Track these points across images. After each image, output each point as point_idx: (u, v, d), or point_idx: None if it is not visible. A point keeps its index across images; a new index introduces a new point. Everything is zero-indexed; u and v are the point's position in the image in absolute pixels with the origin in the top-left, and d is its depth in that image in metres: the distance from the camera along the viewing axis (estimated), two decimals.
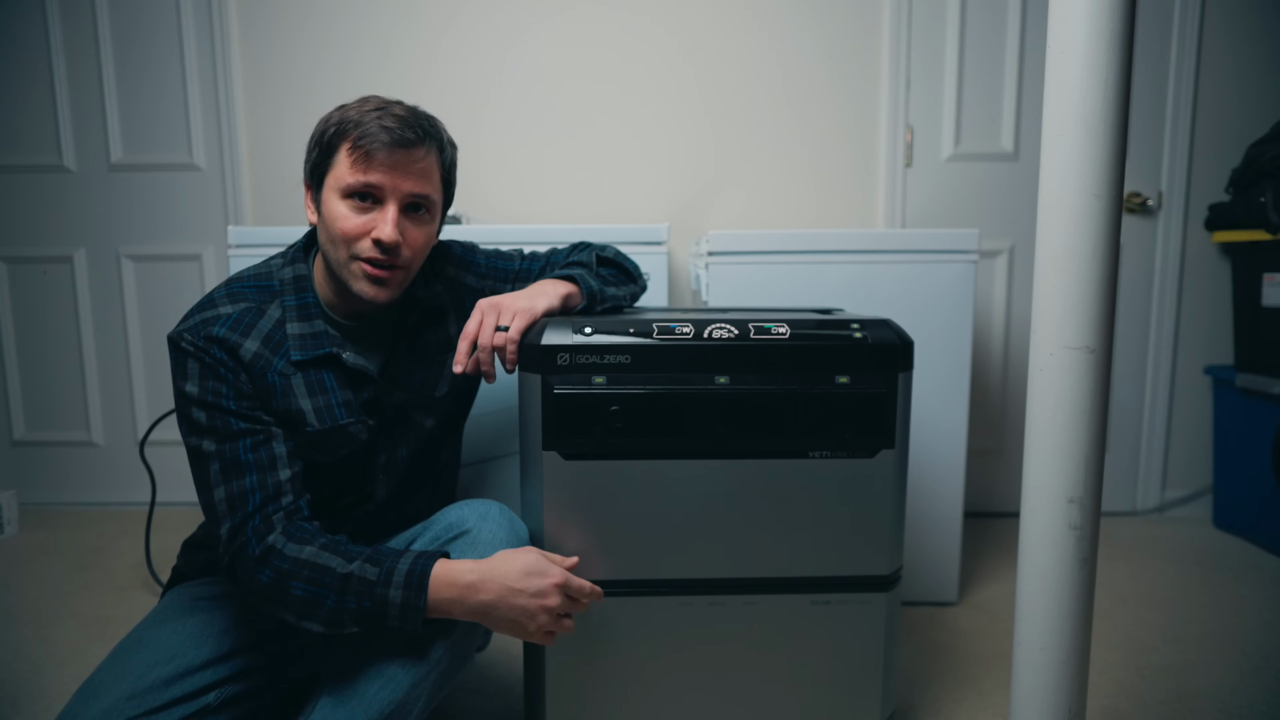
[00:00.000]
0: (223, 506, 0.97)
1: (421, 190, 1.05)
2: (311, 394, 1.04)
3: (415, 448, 1.18)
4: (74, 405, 2.43)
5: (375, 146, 0.99)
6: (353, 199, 1.02)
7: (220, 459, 0.98)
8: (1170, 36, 2.25)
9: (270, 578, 0.93)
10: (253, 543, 0.95)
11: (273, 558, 0.94)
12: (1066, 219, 0.82)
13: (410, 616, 0.93)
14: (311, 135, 1.06)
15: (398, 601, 0.92)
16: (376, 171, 1.01)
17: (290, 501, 0.98)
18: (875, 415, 1.09)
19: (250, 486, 0.97)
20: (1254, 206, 2.06)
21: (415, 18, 2.26)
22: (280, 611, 0.95)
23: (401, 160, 1.01)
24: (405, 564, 0.94)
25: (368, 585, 0.92)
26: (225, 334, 1.00)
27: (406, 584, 0.92)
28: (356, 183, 1.01)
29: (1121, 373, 2.35)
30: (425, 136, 1.04)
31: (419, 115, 1.06)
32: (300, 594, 0.93)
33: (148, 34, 2.29)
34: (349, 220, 1.02)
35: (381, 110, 1.02)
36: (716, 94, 2.28)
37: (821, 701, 1.15)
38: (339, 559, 0.94)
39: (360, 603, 0.92)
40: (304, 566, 0.93)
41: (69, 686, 1.43)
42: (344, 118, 1.03)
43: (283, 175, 2.33)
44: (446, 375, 1.18)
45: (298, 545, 0.94)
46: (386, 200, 1.02)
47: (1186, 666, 1.51)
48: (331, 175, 1.03)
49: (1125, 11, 0.78)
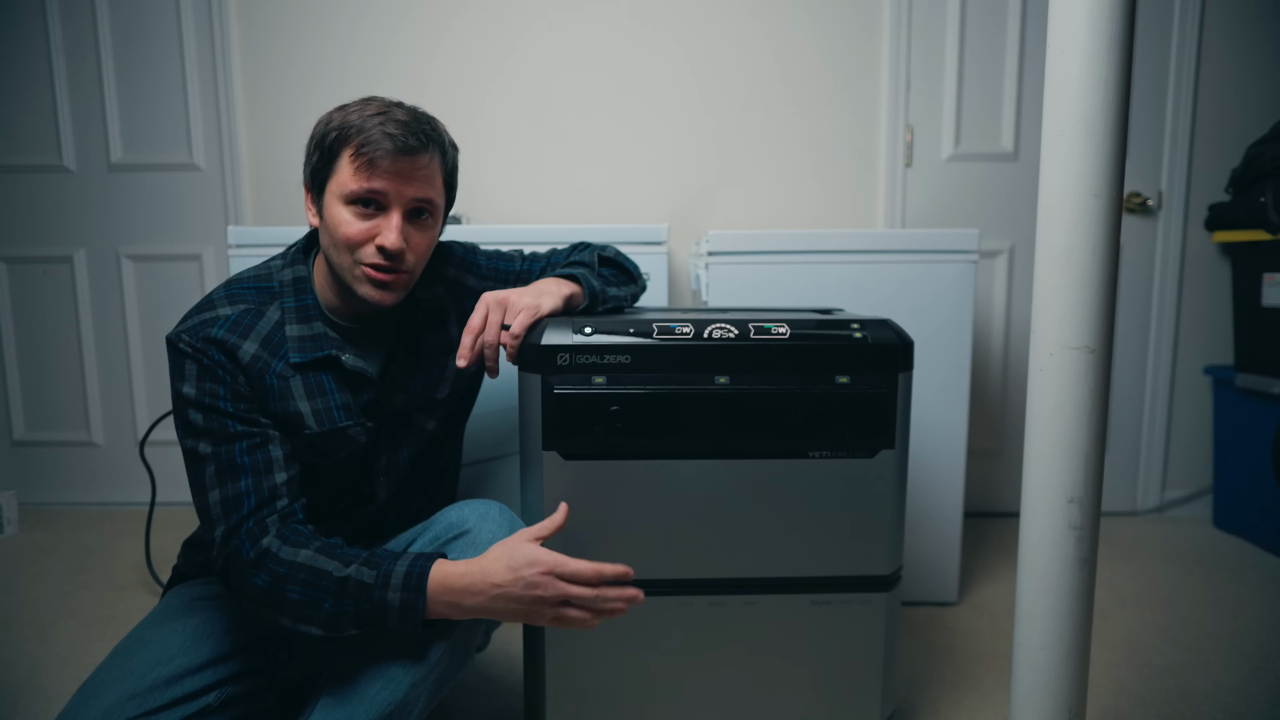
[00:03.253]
0: (217, 509, 0.96)
1: (425, 195, 1.04)
2: (310, 396, 1.04)
3: (416, 450, 1.18)
4: (74, 405, 2.43)
5: (379, 154, 0.99)
6: (356, 205, 1.02)
7: (216, 461, 0.97)
8: (1170, 36, 2.25)
9: (266, 581, 0.93)
10: (246, 546, 0.94)
11: (268, 561, 0.93)
12: (1066, 219, 0.82)
13: (409, 618, 0.92)
14: (311, 136, 1.05)
15: (396, 604, 0.92)
16: (380, 178, 1.00)
17: (285, 505, 0.98)
18: (875, 415, 1.09)
19: (245, 489, 0.97)
20: (1254, 206, 2.06)
21: (415, 17, 2.26)
22: (276, 615, 0.95)
23: (405, 167, 1.01)
24: (403, 566, 0.93)
25: (365, 589, 0.92)
26: (224, 335, 1.00)
27: (404, 586, 0.92)
28: (360, 189, 1.00)
29: (1121, 373, 2.35)
30: (428, 142, 1.03)
31: (421, 120, 1.05)
32: (296, 598, 0.92)
33: (148, 34, 2.29)
34: (353, 226, 1.01)
35: (383, 115, 1.01)
36: (716, 94, 2.28)
37: (822, 701, 1.15)
38: (335, 562, 0.93)
39: (359, 606, 0.92)
40: (300, 570, 0.93)
41: (69, 686, 1.43)
42: (345, 122, 1.01)
43: (283, 175, 2.33)
44: (448, 377, 1.18)
45: (293, 549, 0.94)
46: (390, 206, 1.02)
47: (1186, 666, 1.51)
48: (334, 181, 1.02)
49: (1125, 11, 0.78)
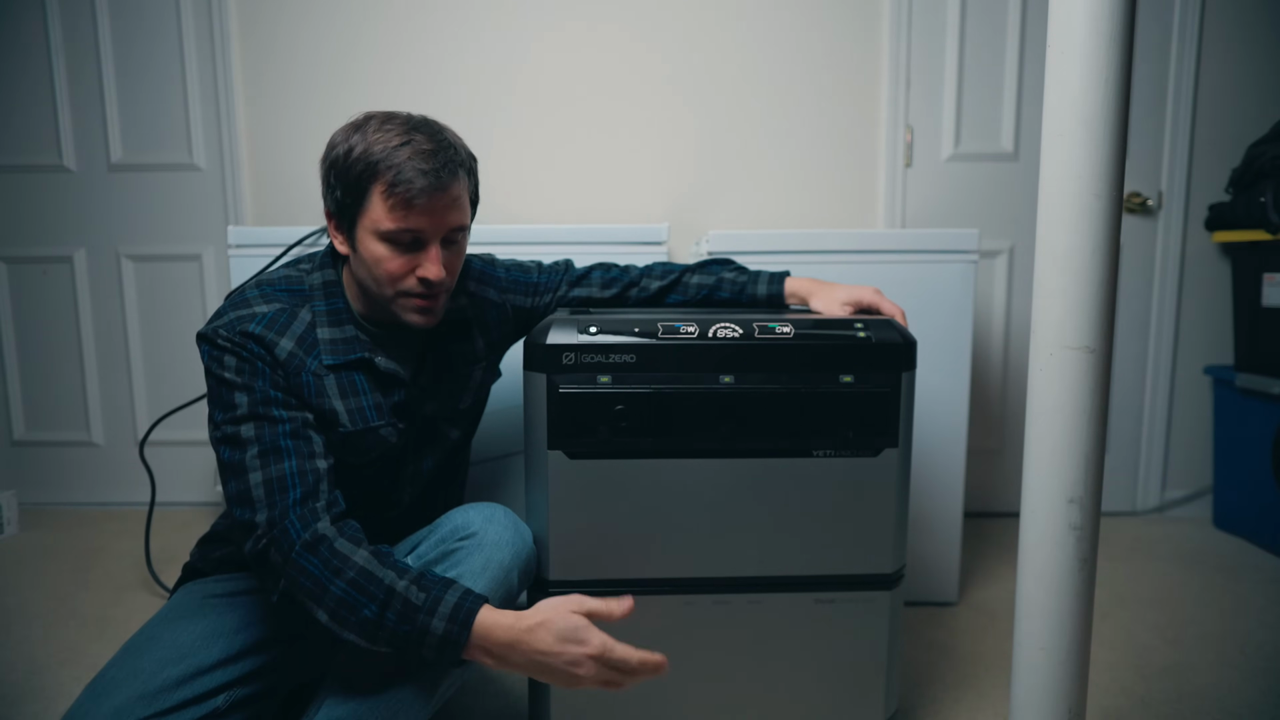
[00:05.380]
0: (259, 491, 0.94)
1: (459, 223, 1.05)
2: (344, 395, 1.05)
3: (440, 458, 1.19)
4: (74, 405, 2.43)
5: (414, 194, 0.97)
6: (392, 241, 1.01)
7: (259, 444, 0.96)
8: (1170, 36, 2.26)
9: (316, 567, 0.91)
10: (298, 528, 0.92)
11: (321, 546, 0.92)
12: (1066, 219, 0.82)
13: (448, 652, 0.89)
14: (327, 159, 1.03)
15: (439, 632, 0.89)
16: (416, 217, 0.99)
17: (330, 495, 0.97)
18: (879, 414, 1.10)
19: (290, 471, 0.95)
20: (1254, 206, 2.06)
21: (415, 18, 2.26)
22: (314, 607, 0.91)
23: (439, 203, 1.00)
24: (453, 597, 0.90)
25: (412, 609, 0.89)
26: (261, 331, 1.01)
27: (452, 618, 0.89)
28: (397, 229, 1.00)
29: (1121, 373, 2.35)
30: (456, 169, 1.02)
31: (444, 144, 1.02)
32: (339, 594, 0.90)
33: (148, 34, 2.29)
34: (394, 263, 1.01)
35: (407, 144, 0.99)
36: (716, 94, 2.28)
37: (825, 700, 1.15)
38: (391, 572, 0.91)
39: (399, 624, 0.89)
40: (352, 568, 0.90)
41: (69, 687, 1.43)
42: (369, 154, 0.98)
43: (283, 175, 2.32)
44: (471, 387, 1.20)
45: (351, 544, 0.92)
46: (429, 241, 1.02)
47: (1186, 666, 1.51)
48: (367, 217, 1.00)
49: (1125, 11, 0.78)
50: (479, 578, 0.98)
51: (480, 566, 0.99)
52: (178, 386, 2.36)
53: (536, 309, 1.28)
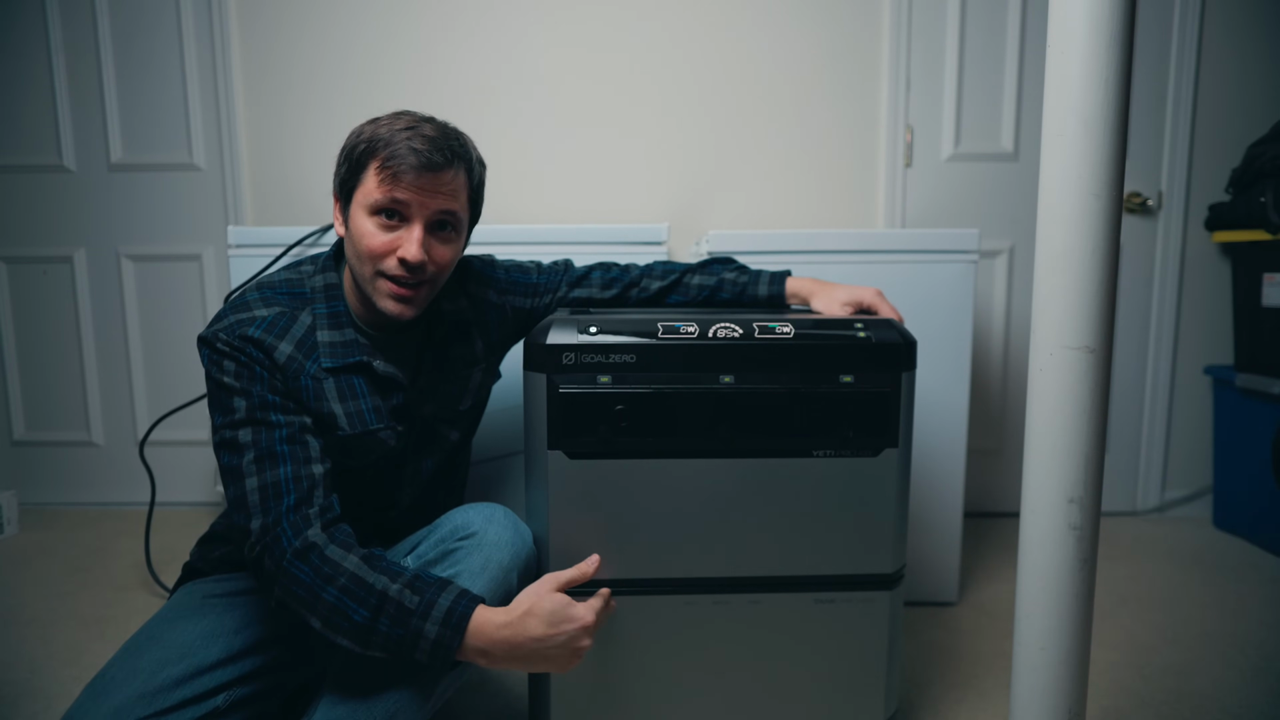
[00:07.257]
0: (255, 497, 0.95)
1: (448, 207, 1.04)
2: (343, 398, 1.05)
3: (440, 460, 1.19)
4: (74, 405, 2.43)
5: (403, 168, 0.99)
6: (380, 216, 1.02)
7: (255, 448, 0.97)
8: (1170, 36, 2.26)
9: (307, 575, 0.91)
10: (289, 535, 0.93)
11: (312, 554, 0.92)
12: (1066, 219, 0.82)
13: (440, 655, 0.90)
14: (342, 147, 1.06)
15: (432, 637, 0.90)
16: (403, 190, 1.00)
17: (325, 500, 0.97)
18: (879, 414, 1.10)
19: (285, 477, 0.96)
20: (1254, 206, 2.06)
21: (415, 18, 2.26)
22: (306, 614, 0.92)
23: (429, 182, 1.01)
24: (446, 600, 0.91)
25: (405, 613, 0.90)
26: (260, 335, 1.01)
27: (445, 621, 0.90)
28: (383, 199, 1.01)
29: (1121, 373, 2.35)
30: (453, 159, 1.03)
31: (449, 135, 1.04)
32: (331, 601, 0.91)
33: (148, 34, 2.29)
34: (375, 238, 1.02)
35: (412, 130, 1.01)
36: (716, 94, 2.28)
37: (825, 700, 1.15)
38: (383, 577, 0.91)
39: (392, 628, 0.90)
40: (343, 574, 0.91)
41: (69, 687, 1.43)
42: (375, 134, 1.02)
43: (283, 175, 2.32)
44: (470, 389, 1.20)
45: (341, 550, 0.93)
46: (413, 219, 1.02)
47: (1186, 666, 1.51)
48: (360, 191, 1.03)
49: (1125, 11, 0.79)
50: (478, 578, 0.98)
51: (480, 566, 0.99)
52: (178, 386, 2.36)
53: (536, 310, 1.28)
